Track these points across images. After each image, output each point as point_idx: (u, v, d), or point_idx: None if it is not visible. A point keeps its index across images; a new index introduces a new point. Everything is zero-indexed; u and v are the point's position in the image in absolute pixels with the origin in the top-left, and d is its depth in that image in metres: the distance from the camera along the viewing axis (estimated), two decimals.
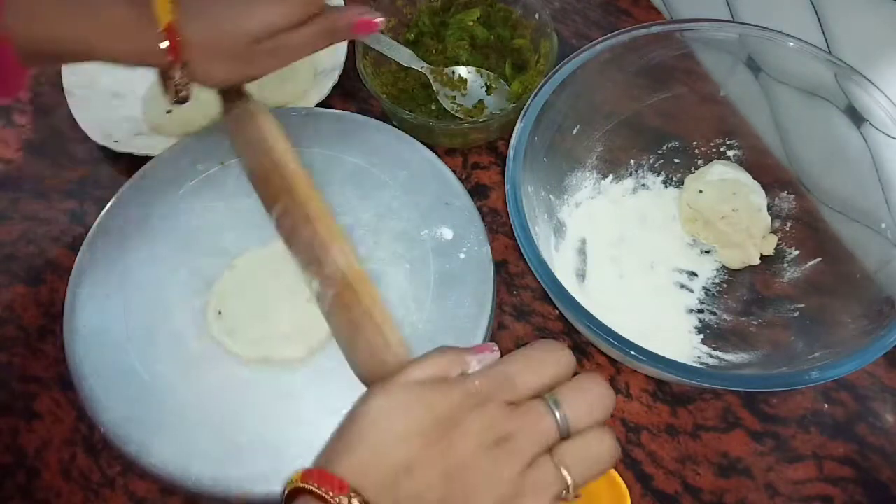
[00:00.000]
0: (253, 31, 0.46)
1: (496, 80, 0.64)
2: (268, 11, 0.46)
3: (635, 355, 0.43)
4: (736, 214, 0.56)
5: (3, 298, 0.59)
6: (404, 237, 0.53)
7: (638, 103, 0.58)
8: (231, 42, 0.46)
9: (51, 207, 0.63)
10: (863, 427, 0.51)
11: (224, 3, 0.46)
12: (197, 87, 0.49)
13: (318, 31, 0.48)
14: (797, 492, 0.49)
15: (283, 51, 0.48)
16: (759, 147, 0.58)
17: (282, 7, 0.46)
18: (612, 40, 0.53)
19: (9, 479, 0.52)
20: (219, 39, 0.46)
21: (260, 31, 0.46)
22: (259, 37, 0.46)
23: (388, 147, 0.57)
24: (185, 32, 0.45)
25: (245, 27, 0.45)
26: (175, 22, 0.44)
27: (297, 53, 0.49)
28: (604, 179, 0.59)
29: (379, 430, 0.32)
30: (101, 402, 0.48)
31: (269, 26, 0.46)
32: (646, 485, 0.50)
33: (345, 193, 0.55)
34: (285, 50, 0.48)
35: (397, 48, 0.62)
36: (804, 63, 0.52)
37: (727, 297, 0.56)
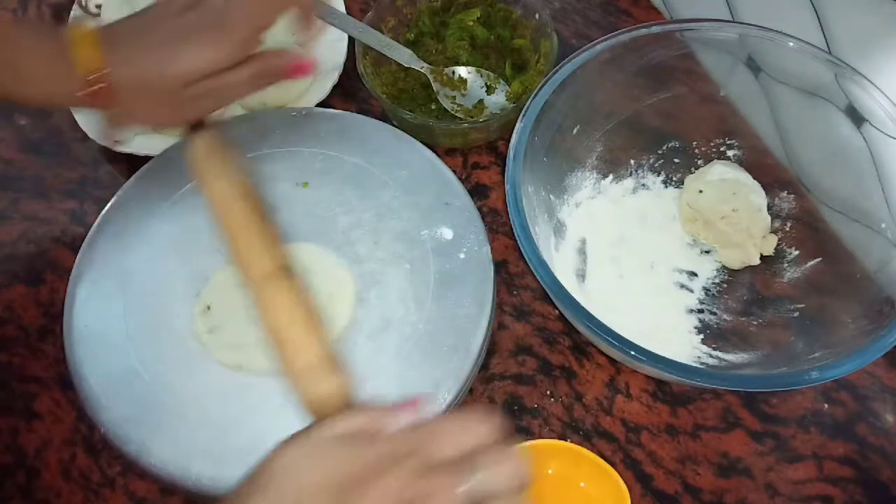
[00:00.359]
0: (181, 76, 0.44)
1: (496, 80, 0.64)
2: (195, 56, 0.44)
3: (635, 355, 0.43)
4: (736, 214, 0.56)
5: (3, 298, 0.59)
6: (404, 237, 0.53)
7: (638, 103, 0.58)
8: (159, 87, 0.44)
9: (51, 207, 0.63)
10: (863, 427, 0.51)
11: (150, 48, 0.44)
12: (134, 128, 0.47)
13: (252, 73, 0.46)
14: (797, 492, 0.49)
15: (216, 94, 0.46)
16: (759, 147, 0.58)
17: (210, 51, 0.44)
18: (612, 40, 0.53)
19: (9, 479, 0.52)
20: (146, 85, 0.44)
21: (188, 76, 0.44)
22: (188, 81, 0.44)
23: (388, 147, 0.57)
24: (112, 78, 0.43)
25: (172, 72, 0.44)
26: (99, 69, 0.43)
27: (231, 96, 0.47)
28: (604, 179, 0.59)
29: (289, 479, 0.32)
30: (101, 402, 0.48)
31: (197, 71, 0.44)
32: (646, 485, 0.50)
33: (345, 193, 0.55)
34: (218, 93, 0.46)
35: (397, 48, 0.62)
36: (804, 63, 0.52)
37: (727, 297, 0.56)
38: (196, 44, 0.44)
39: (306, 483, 0.32)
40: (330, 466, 0.32)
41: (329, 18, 0.63)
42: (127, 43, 0.44)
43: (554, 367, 0.54)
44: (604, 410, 0.52)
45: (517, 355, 0.55)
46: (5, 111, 0.68)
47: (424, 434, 0.33)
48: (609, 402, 0.53)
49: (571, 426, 0.52)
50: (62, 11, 0.74)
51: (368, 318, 0.50)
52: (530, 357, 0.54)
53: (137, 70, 0.44)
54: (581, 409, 0.52)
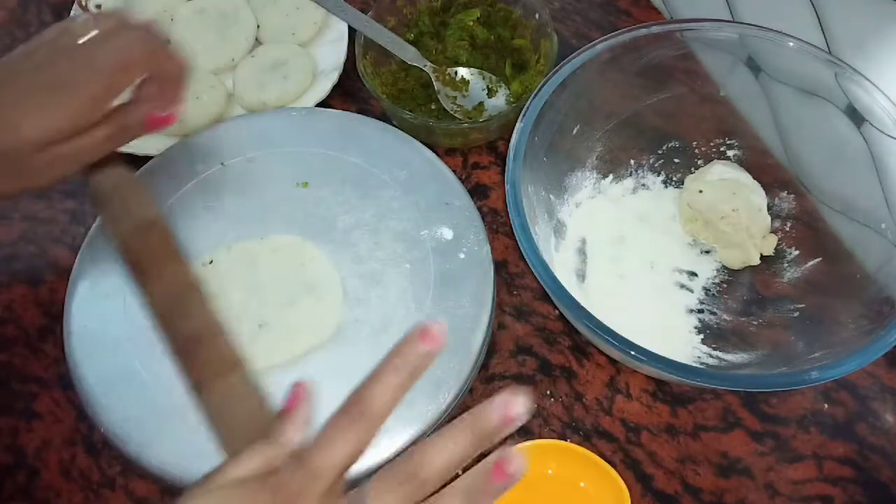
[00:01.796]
0: (32, 141, 0.40)
1: (497, 83, 0.64)
2: (36, 122, 0.40)
3: (635, 355, 0.43)
4: (736, 214, 0.56)
5: (3, 298, 0.59)
6: (404, 237, 0.53)
7: (638, 103, 0.58)
8: (11, 155, 0.41)
9: (51, 207, 0.63)
10: (863, 427, 0.51)
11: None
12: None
13: (107, 134, 0.43)
14: (797, 492, 0.49)
15: (68, 158, 0.43)
16: (759, 147, 0.59)
17: (53, 116, 0.41)
18: (612, 40, 0.53)
19: (9, 479, 0.52)
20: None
21: (31, 144, 0.41)
22: (32, 149, 0.41)
23: (388, 147, 0.57)
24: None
25: (12, 141, 0.40)
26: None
27: (84, 158, 0.44)
28: (604, 179, 0.59)
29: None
30: (101, 402, 0.48)
31: (39, 138, 0.41)
32: (646, 485, 0.50)
33: (345, 193, 0.55)
34: (70, 157, 0.43)
35: (402, 45, 0.62)
36: (804, 63, 0.52)
37: (727, 297, 0.56)
38: (37, 109, 0.41)
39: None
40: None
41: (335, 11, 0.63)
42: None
43: (554, 367, 0.54)
44: (604, 410, 0.52)
45: (517, 355, 0.55)
46: None
47: (312, 455, 0.32)
48: (609, 402, 0.53)
49: (571, 426, 0.52)
50: (62, 11, 0.74)
51: (368, 318, 0.50)
52: (530, 357, 0.55)
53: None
54: (581, 409, 0.53)
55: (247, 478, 0.32)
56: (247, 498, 0.31)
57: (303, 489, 0.31)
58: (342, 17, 0.63)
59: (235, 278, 0.52)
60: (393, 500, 0.31)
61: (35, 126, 0.41)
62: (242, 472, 0.32)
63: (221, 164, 0.56)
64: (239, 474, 0.32)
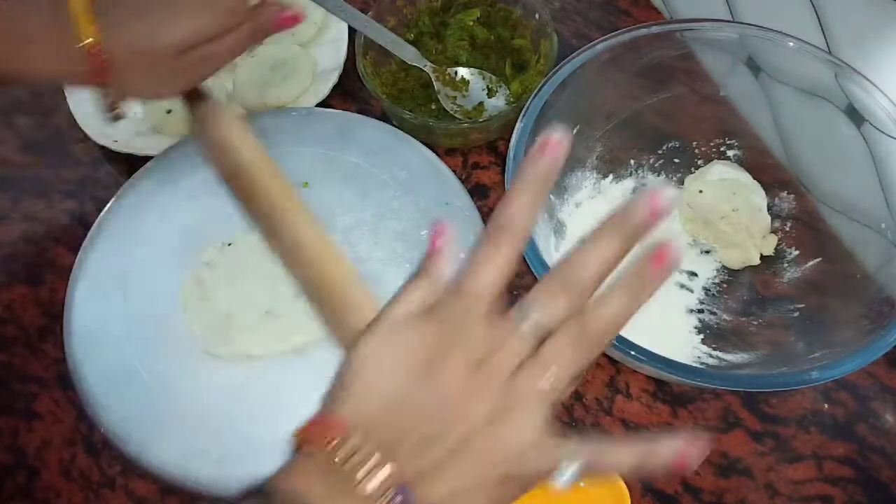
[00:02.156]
0: (176, 44, 0.44)
1: (497, 83, 0.64)
2: (189, 23, 0.44)
3: (635, 355, 0.43)
4: (736, 214, 0.56)
5: (3, 298, 0.59)
6: (404, 237, 0.53)
7: (638, 103, 0.58)
8: (155, 57, 0.45)
9: (51, 207, 0.63)
10: (863, 427, 0.51)
11: (144, 17, 0.44)
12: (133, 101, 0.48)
13: (242, 35, 0.47)
14: (797, 492, 0.49)
15: (211, 59, 0.47)
16: (759, 147, 0.58)
17: (200, 19, 0.45)
18: (612, 40, 0.53)
19: (9, 479, 0.52)
20: (143, 55, 0.44)
21: (184, 44, 0.45)
22: (183, 48, 0.45)
23: (388, 147, 0.57)
24: (108, 50, 0.43)
25: (168, 40, 0.44)
26: (97, 41, 0.43)
27: (224, 60, 0.48)
28: (604, 179, 0.59)
29: (369, 369, 0.33)
30: (101, 402, 0.48)
31: (192, 38, 0.45)
32: (646, 485, 0.50)
33: (345, 193, 0.55)
34: (213, 58, 0.47)
35: (402, 45, 0.62)
36: (804, 63, 0.52)
37: (727, 297, 0.56)
38: (186, 12, 0.44)
39: (386, 368, 0.32)
40: (406, 348, 0.33)
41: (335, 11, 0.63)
42: (118, 13, 0.44)
43: None
44: (604, 410, 0.52)
45: None
46: (5, 111, 0.68)
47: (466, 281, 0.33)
48: (609, 402, 0.53)
49: (571, 426, 0.52)
50: None
51: None
52: None
53: (133, 39, 0.44)
54: (581, 409, 0.52)
55: (410, 312, 0.34)
56: (414, 331, 0.33)
57: (465, 314, 0.32)
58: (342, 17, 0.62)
59: (251, 263, 0.52)
60: (553, 310, 0.32)
61: (187, 26, 0.44)
62: (407, 308, 0.34)
63: None
64: (404, 310, 0.34)
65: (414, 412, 0.32)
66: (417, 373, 0.32)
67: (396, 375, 0.32)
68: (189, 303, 0.51)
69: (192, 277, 0.52)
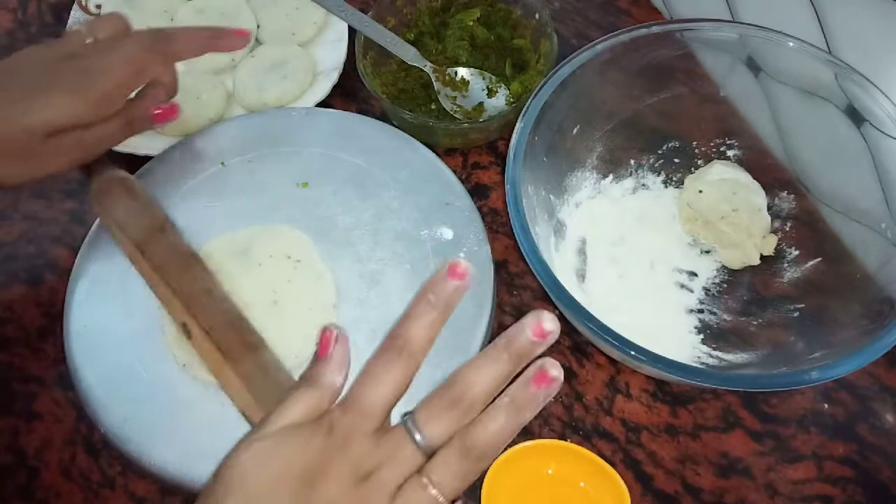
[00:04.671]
0: (34, 128, 0.43)
1: (497, 83, 0.64)
2: (58, 109, 0.43)
3: (635, 355, 0.43)
4: (736, 214, 0.56)
5: (3, 298, 0.59)
6: (404, 237, 0.53)
7: (638, 103, 0.58)
8: (19, 139, 0.43)
9: (51, 207, 0.63)
10: (863, 427, 0.51)
11: (11, 98, 0.43)
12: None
13: (114, 127, 0.47)
14: (797, 492, 0.49)
15: (80, 146, 0.46)
16: (759, 147, 0.59)
17: (74, 104, 0.44)
18: (612, 40, 0.53)
19: (9, 479, 0.52)
20: (6, 137, 0.43)
21: (50, 128, 0.43)
22: (44, 134, 0.44)
23: (388, 147, 0.57)
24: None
25: (34, 123, 0.43)
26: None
27: (94, 148, 0.47)
28: (604, 179, 0.59)
29: (246, 484, 0.32)
30: (101, 402, 0.48)
31: (59, 123, 0.44)
32: (646, 485, 0.50)
33: (345, 193, 0.55)
34: (82, 146, 0.46)
35: (402, 45, 0.62)
36: (804, 63, 0.52)
37: (727, 297, 0.56)
38: (56, 97, 0.44)
39: (263, 483, 0.31)
40: (283, 463, 0.32)
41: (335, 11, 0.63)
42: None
43: None
44: (604, 410, 0.52)
45: None
46: None
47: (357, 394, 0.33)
48: (609, 402, 0.53)
49: (571, 426, 0.52)
50: (62, 12, 0.74)
51: (368, 319, 0.50)
52: None
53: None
54: (581, 409, 0.53)
55: (297, 422, 0.33)
56: (300, 441, 0.32)
57: (354, 428, 0.32)
58: (342, 17, 0.63)
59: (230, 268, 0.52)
60: (441, 427, 0.32)
61: (53, 111, 0.43)
62: (291, 418, 0.33)
63: (221, 164, 0.57)
64: (288, 420, 0.33)
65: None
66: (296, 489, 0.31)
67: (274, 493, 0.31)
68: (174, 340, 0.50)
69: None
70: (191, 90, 0.63)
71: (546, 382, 0.32)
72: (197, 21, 0.67)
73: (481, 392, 0.32)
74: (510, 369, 0.32)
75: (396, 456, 0.32)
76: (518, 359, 0.32)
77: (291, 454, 0.32)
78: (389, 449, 0.32)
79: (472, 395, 0.32)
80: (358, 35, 0.62)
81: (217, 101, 0.63)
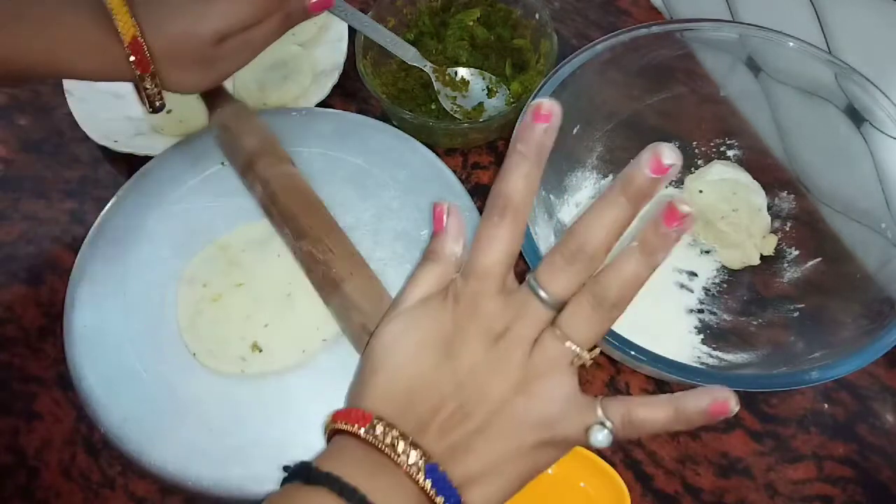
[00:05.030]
0: (215, 34, 0.45)
1: (497, 83, 0.64)
2: (227, 12, 0.45)
3: (635, 355, 0.43)
4: (736, 214, 0.56)
5: (3, 298, 0.59)
6: (404, 237, 0.53)
7: (638, 103, 0.58)
8: (195, 46, 0.46)
9: (51, 207, 0.63)
10: (863, 427, 0.51)
11: (182, 9, 0.45)
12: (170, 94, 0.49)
13: (275, 23, 0.48)
14: (797, 492, 0.49)
15: (248, 47, 0.48)
16: (759, 147, 0.59)
17: (240, 6, 0.46)
18: (612, 40, 0.53)
19: (9, 479, 0.52)
20: (183, 45, 0.45)
21: (221, 33, 0.46)
22: (221, 38, 0.46)
23: (388, 147, 0.57)
24: (150, 43, 0.44)
25: (206, 30, 0.45)
26: (139, 34, 0.44)
27: (258, 48, 0.49)
28: (604, 179, 0.59)
29: (390, 356, 0.34)
30: (101, 402, 0.48)
31: (229, 27, 0.46)
32: (646, 485, 0.50)
33: (345, 193, 0.55)
34: (250, 46, 0.48)
35: (402, 45, 0.62)
36: (804, 63, 0.52)
37: (727, 297, 0.56)
38: (223, 3, 0.45)
39: (407, 353, 0.33)
40: (424, 332, 0.34)
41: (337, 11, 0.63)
42: (155, 5, 0.45)
43: None
44: None
45: None
46: (5, 111, 0.68)
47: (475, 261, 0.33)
48: None
49: None
50: None
51: None
52: None
53: (173, 30, 0.45)
54: None
55: (427, 295, 0.35)
56: (432, 313, 0.34)
57: (479, 293, 0.33)
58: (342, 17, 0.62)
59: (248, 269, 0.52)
60: (564, 281, 0.32)
61: (225, 15, 0.45)
62: (422, 292, 0.35)
63: (222, 164, 0.56)
64: (420, 294, 0.35)
65: (438, 393, 0.32)
66: (438, 354, 0.33)
67: (418, 360, 0.33)
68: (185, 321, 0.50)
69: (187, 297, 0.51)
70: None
71: (677, 220, 0.30)
72: None
73: (601, 241, 0.32)
74: (630, 213, 0.31)
75: (525, 313, 0.33)
76: (637, 200, 0.31)
77: (428, 325, 0.34)
78: (517, 307, 0.33)
79: (592, 245, 0.31)
80: (358, 35, 0.62)
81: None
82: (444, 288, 0.35)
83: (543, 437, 0.33)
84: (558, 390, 0.33)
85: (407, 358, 0.33)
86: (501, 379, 0.32)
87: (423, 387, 0.33)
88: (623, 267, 0.32)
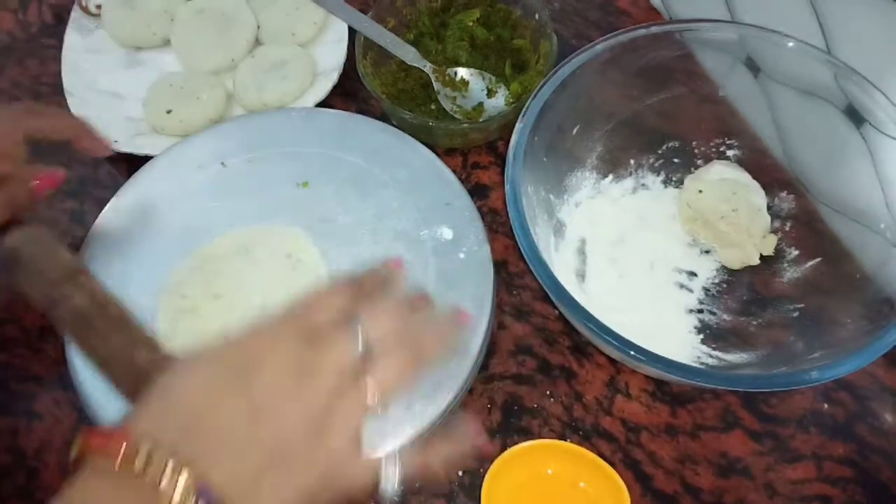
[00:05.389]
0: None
1: (497, 83, 0.64)
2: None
3: (635, 355, 0.43)
4: (736, 214, 0.56)
5: (3, 298, 0.59)
6: (404, 237, 0.53)
7: (638, 103, 0.58)
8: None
9: (51, 207, 0.63)
10: (863, 427, 0.51)
11: None
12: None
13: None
14: (797, 492, 0.49)
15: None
16: (758, 147, 0.59)
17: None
18: (611, 40, 0.53)
19: (9, 479, 0.52)
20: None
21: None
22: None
23: (388, 147, 0.57)
24: None
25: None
26: None
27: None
28: (604, 179, 0.59)
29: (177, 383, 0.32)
30: (101, 402, 0.48)
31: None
32: (645, 485, 0.50)
33: (345, 193, 0.55)
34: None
35: (402, 46, 0.62)
36: (804, 63, 0.52)
37: (727, 297, 0.56)
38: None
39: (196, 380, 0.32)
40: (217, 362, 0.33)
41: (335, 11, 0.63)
42: None
43: (553, 367, 0.54)
44: (603, 410, 0.52)
45: (517, 355, 0.55)
46: None
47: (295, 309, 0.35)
48: (609, 402, 0.53)
49: (571, 426, 0.52)
50: (62, 12, 0.74)
51: None
52: (530, 357, 0.55)
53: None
54: (581, 409, 0.53)
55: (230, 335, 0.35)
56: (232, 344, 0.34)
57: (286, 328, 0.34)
58: (342, 17, 0.63)
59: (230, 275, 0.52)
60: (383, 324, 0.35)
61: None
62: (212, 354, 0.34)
63: (222, 164, 0.57)
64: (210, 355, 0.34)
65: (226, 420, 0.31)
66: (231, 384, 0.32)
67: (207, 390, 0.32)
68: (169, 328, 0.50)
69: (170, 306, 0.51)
70: (191, 90, 0.63)
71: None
72: (196, 21, 0.67)
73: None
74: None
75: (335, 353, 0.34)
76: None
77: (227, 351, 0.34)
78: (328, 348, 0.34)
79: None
80: (358, 35, 0.62)
81: (217, 101, 0.63)
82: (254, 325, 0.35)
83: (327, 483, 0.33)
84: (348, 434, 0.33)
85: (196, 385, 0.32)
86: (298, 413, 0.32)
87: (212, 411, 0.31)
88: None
